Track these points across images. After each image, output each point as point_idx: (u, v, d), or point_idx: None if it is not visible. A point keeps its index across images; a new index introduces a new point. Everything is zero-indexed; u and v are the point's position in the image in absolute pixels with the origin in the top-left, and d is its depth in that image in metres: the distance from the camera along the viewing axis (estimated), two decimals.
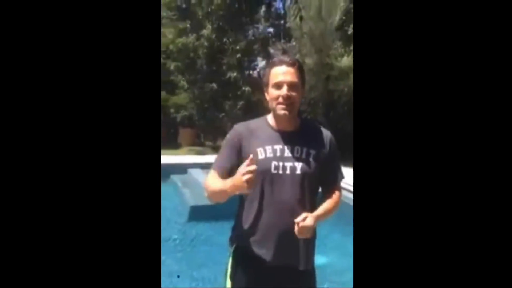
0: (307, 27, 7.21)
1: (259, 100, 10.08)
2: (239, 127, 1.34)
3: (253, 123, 1.34)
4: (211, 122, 9.89)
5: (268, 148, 1.26)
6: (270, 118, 1.33)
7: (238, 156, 1.27)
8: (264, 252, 1.26)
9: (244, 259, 1.30)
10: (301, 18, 7.35)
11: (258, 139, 1.28)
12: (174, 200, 5.29)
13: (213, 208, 4.40)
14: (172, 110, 10.08)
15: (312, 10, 7.16)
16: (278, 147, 1.27)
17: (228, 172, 1.26)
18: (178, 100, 9.93)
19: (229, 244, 1.37)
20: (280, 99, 1.23)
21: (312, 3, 7.23)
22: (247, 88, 9.16)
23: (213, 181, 1.26)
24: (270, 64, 1.31)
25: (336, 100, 7.23)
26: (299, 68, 1.27)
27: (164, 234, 4.00)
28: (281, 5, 10.85)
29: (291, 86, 1.23)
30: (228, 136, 1.34)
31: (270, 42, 9.95)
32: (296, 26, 7.54)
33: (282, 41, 10.12)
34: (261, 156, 1.25)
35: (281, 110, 1.25)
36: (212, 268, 3.14)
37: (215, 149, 9.85)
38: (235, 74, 9.07)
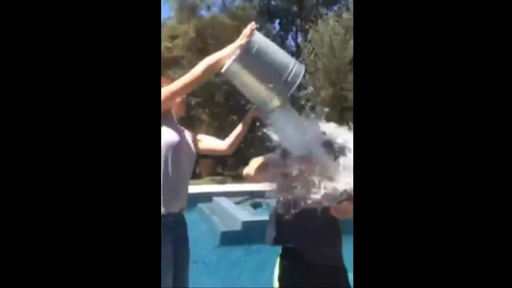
0: (321, 62, 7.74)
1: None
2: None
3: None
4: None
5: None
6: None
7: None
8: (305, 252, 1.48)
9: (290, 259, 1.52)
10: (315, 55, 7.91)
11: None
12: (203, 226, 5.57)
13: (242, 233, 4.69)
14: None
15: (325, 47, 7.72)
16: None
17: None
18: (199, 133, 10.46)
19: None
20: None
21: (324, 41, 7.80)
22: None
23: None
24: None
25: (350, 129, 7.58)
26: None
27: (196, 258, 4.23)
28: (292, 43, 11.57)
29: None
30: None
31: None
32: (311, 62, 8.08)
33: None
34: None
35: None
36: None
37: (235, 178, 10.14)
38: (254, 106, 9.58)
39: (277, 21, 11.01)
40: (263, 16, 10.61)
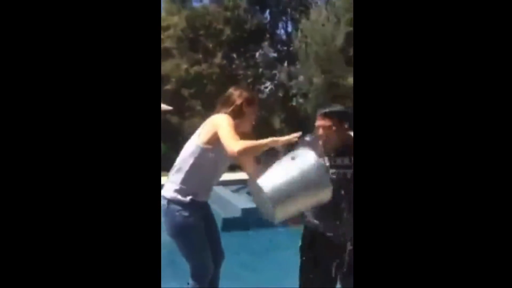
0: (313, 50, 7.85)
1: (268, 121, 10.64)
2: None
3: None
4: None
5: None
6: None
7: None
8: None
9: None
10: (306, 44, 8.01)
11: None
12: None
13: (242, 219, 4.82)
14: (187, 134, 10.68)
15: (316, 35, 7.81)
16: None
17: None
18: (192, 124, 10.52)
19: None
20: None
21: (315, 29, 7.90)
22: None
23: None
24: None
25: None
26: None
27: None
28: (283, 31, 11.65)
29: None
30: None
31: (278, 65, 10.63)
32: (302, 51, 8.19)
33: (285, 64, 10.78)
34: None
35: None
36: (249, 273, 3.46)
37: (230, 168, 10.26)
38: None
39: (268, 10, 11.06)
40: (254, 5, 10.64)
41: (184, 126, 10.95)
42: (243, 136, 1.60)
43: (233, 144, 1.48)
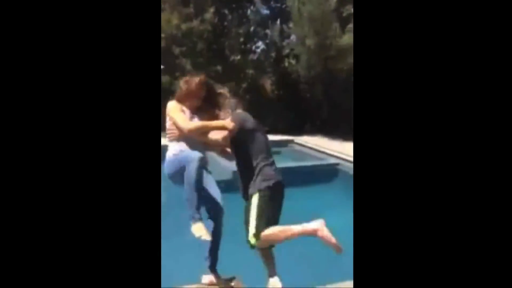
0: (306, 10, 7.61)
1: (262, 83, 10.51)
2: None
3: None
4: None
5: None
6: None
7: None
8: None
9: None
10: (299, 2, 7.74)
11: None
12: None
13: (232, 181, 4.96)
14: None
15: None
16: None
17: None
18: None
19: None
20: None
21: None
22: (250, 71, 9.63)
23: None
24: None
25: (334, 78, 7.73)
26: None
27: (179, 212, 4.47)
28: None
29: None
30: None
31: (269, 23, 10.32)
32: (296, 10, 7.93)
33: (278, 22, 10.46)
34: None
35: None
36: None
37: None
38: (238, 57, 9.54)
39: None
40: None
41: (174, 86, 10.81)
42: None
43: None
